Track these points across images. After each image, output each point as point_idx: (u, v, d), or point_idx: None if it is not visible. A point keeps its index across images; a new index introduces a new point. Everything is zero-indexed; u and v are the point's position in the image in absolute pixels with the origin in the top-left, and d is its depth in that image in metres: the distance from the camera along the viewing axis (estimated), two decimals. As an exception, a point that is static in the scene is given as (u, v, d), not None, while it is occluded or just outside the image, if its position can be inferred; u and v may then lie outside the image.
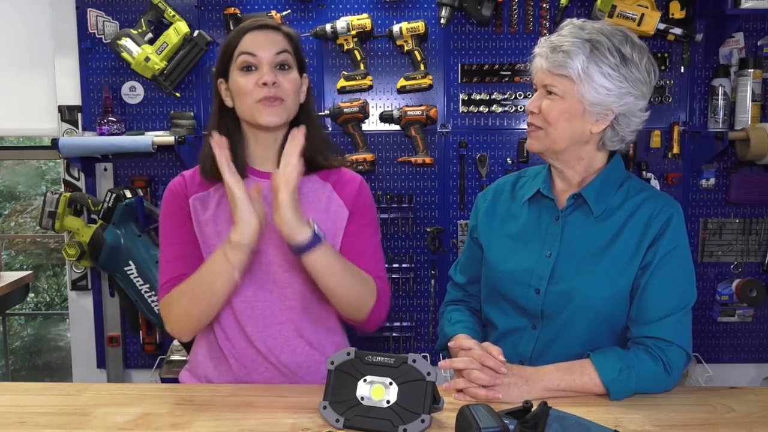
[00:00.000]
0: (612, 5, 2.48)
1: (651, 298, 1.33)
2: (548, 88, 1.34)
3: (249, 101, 1.38)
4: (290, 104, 1.41)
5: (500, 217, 1.49)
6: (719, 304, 2.70)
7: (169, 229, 1.46)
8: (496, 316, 1.45)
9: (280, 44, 1.40)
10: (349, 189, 1.49)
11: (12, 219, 6.65)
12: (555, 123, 1.34)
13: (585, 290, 1.34)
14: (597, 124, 1.35)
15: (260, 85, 1.36)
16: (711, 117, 2.59)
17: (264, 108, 1.38)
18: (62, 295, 6.30)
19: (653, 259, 1.33)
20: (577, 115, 1.33)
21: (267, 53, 1.38)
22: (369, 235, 1.49)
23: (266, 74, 1.37)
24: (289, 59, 1.41)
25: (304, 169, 1.37)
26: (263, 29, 1.41)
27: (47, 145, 2.67)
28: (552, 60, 1.32)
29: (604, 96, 1.31)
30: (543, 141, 1.37)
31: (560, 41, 1.32)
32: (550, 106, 1.34)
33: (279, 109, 1.38)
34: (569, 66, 1.30)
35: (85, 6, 2.62)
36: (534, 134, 1.39)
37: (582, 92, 1.31)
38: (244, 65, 1.39)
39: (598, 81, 1.30)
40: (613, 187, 1.39)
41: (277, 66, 1.39)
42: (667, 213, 1.35)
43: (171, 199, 1.47)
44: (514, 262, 1.42)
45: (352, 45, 2.58)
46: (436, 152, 2.68)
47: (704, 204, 2.70)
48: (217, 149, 1.31)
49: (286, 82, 1.39)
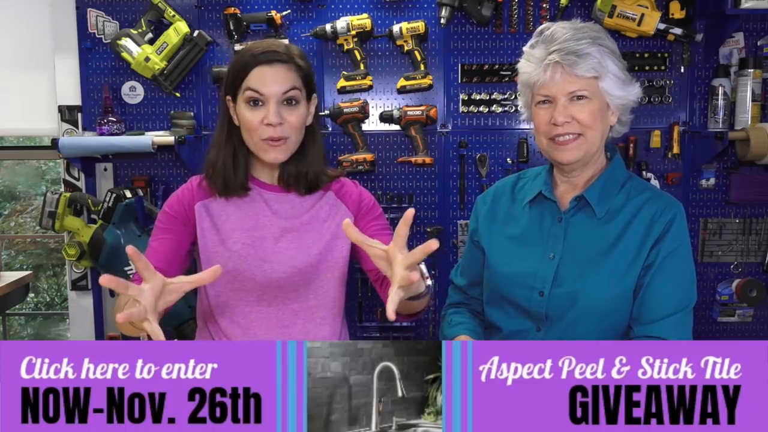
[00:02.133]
0: (612, 5, 2.48)
1: (653, 297, 1.33)
2: (576, 94, 1.32)
3: (254, 137, 1.38)
4: (294, 139, 1.41)
5: (501, 220, 1.48)
6: (719, 304, 2.70)
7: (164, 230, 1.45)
8: (500, 319, 1.45)
9: (289, 81, 1.38)
10: (351, 193, 1.51)
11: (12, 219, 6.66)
12: (593, 125, 1.33)
13: (589, 292, 1.34)
14: (613, 117, 1.37)
15: (265, 124, 1.36)
16: (711, 117, 2.59)
17: (268, 147, 1.38)
18: (62, 295, 6.30)
19: (656, 259, 1.33)
20: (605, 111, 1.35)
21: (274, 91, 1.36)
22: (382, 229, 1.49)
23: (272, 114, 1.35)
24: (298, 95, 1.39)
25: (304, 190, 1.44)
26: (273, 64, 1.37)
27: (47, 145, 2.67)
28: (573, 64, 1.30)
29: (620, 86, 1.34)
30: (583, 147, 1.34)
31: (574, 46, 1.30)
32: (582, 110, 1.32)
33: (283, 147, 1.39)
34: (594, 66, 1.30)
35: (85, 6, 2.62)
36: (573, 144, 1.34)
37: (605, 87, 1.33)
38: (251, 99, 1.38)
39: (612, 71, 1.32)
40: (615, 188, 1.39)
41: (284, 102, 1.38)
42: (670, 213, 1.35)
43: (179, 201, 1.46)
44: (516, 265, 1.41)
45: (352, 45, 2.58)
46: (436, 152, 2.68)
47: (704, 204, 2.70)
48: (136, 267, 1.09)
49: (292, 118, 1.38)
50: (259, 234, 1.43)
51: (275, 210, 1.45)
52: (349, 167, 2.62)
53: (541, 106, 1.35)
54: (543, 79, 1.33)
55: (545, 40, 1.33)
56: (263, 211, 1.45)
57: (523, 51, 1.39)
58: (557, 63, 1.31)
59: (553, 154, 1.37)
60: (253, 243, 1.42)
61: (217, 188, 1.44)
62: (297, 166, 1.45)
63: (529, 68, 1.35)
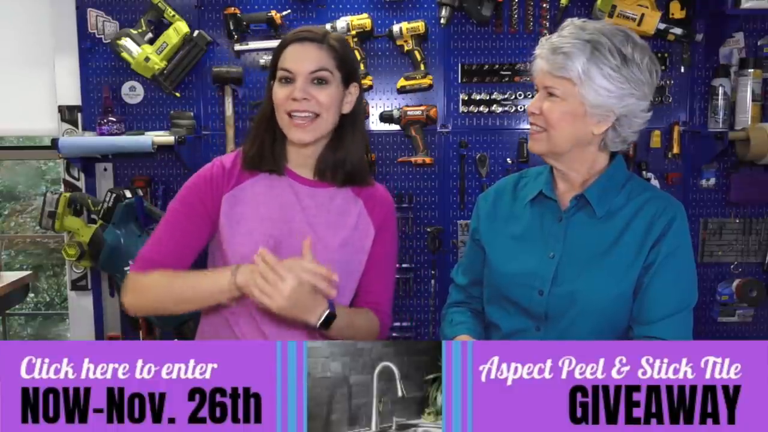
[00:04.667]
0: (612, 5, 2.48)
1: (653, 297, 1.33)
2: (549, 90, 1.33)
3: (282, 113, 1.40)
4: (325, 118, 1.40)
5: (502, 219, 1.48)
6: (719, 304, 2.70)
7: (182, 214, 1.44)
8: (500, 318, 1.45)
9: (319, 60, 1.39)
10: (380, 211, 1.51)
11: (12, 219, 6.66)
12: (557, 125, 1.33)
13: (589, 292, 1.34)
14: (599, 126, 1.33)
15: (291, 99, 1.38)
16: (711, 117, 2.59)
17: (293, 126, 1.39)
18: (62, 295, 6.30)
19: (656, 259, 1.33)
20: (579, 116, 1.32)
21: (303, 68, 1.38)
22: (388, 265, 1.54)
23: (298, 90, 1.37)
24: (327, 75, 1.39)
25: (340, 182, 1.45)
26: (304, 42, 1.40)
27: (47, 145, 2.67)
28: (552, 61, 1.31)
29: (605, 97, 1.30)
30: (545, 143, 1.36)
31: (561, 42, 1.31)
32: (551, 107, 1.33)
33: (309, 127, 1.39)
34: (569, 68, 1.29)
35: (85, 6, 2.62)
36: (536, 136, 1.37)
37: (583, 94, 1.30)
38: (282, 78, 1.40)
39: (598, 82, 1.29)
40: (615, 188, 1.39)
41: (313, 81, 1.39)
42: (671, 213, 1.35)
43: (202, 185, 1.44)
44: (517, 264, 1.41)
45: (352, 45, 2.58)
46: (436, 152, 2.68)
47: (704, 204, 2.70)
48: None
49: (322, 96, 1.38)
50: (287, 228, 1.42)
51: (305, 205, 1.45)
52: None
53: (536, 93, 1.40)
54: (534, 69, 1.38)
55: (556, 33, 1.35)
56: (292, 204, 1.44)
57: (528, 50, 1.40)
58: (542, 57, 1.34)
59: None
60: (279, 235, 1.42)
61: (253, 164, 1.43)
62: (334, 154, 1.44)
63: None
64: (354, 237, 1.46)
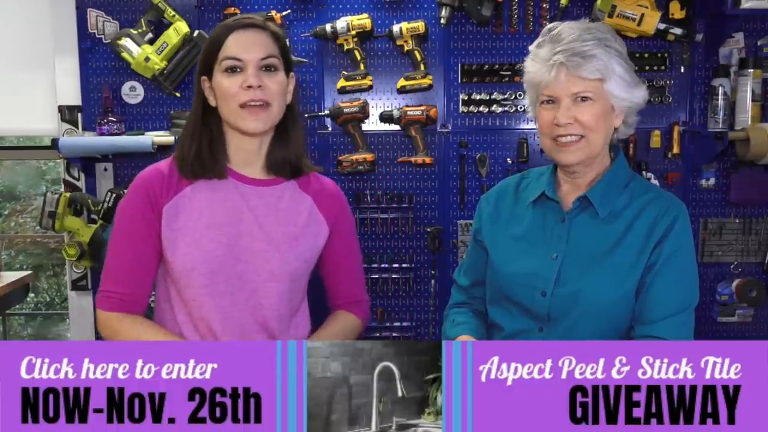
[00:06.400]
0: (612, 5, 2.48)
1: (654, 297, 1.33)
2: (581, 95, 1.31)
3: (233, 105, 1.34)
4: (276, 108, 1.37)
5: (504, 220, 1.48)
6: (719, 304, 2.70)
7: (130, 238, 1.38)
8: (502, 318, 1.45)
9: (266, 47, 1.35)
10: (331, 205, 1.49)
11: (12, 219, 6.66)
12: (596, 128, 1.32)
13: (591, 292, 1.34)
14: (617, 119, 1.37)
15: (245, 88, 1.32)
16: (711, 117, 2.59)
17: (248, 114, 1.33)
18: (62, 295, 6.30)
19: (658, 260, 1.33)
20: (609, 113, 1.34)
21: (252, 56, 1.33)
22: (352, 254, 1.54)
23: (251, 77, 1.32)
24: (276, 62, 1.36)
25: (289, 175, 1.42)
26: (248, 29, 1.35)
27: (47, 145, 2.66)
28: (582, 66, 1.29)
29: (624, 88, 1.33)
30: (584, 150, 1.34)
31: (580, 47, 1.29)
32: (586, 111, 1.32)
33: (263, 115, 1.34)
34: (599, 68, 1.30)
35: (85, 6, 2.62)
36: (573, 147, 1.33)
37: (610, 89, 1.32)
38: (228, 68, 1.34)
39: (618, 74, 1.32)
40: (618, 188, 1.39)
41: (262, 68, 1.35)
42: (673, 214, 1.35)
43: (139, 205, 1.38)
44: (519, 265, 1.41)
45: (352, 45, 2.58)
46: (436, 152, 2.68)
47: (704, 204, 2.70)
48: None
49: (272, 84, 1.35)
50: (235, 231, 1.37)
51: (252, 206, 1.40)
52: (349, 167, 2.62)
53: (545, 106, 1.35)
54: (547, 80, 1.32)
55: (552, 40, 1.33)
56: (240, 206, 1.39)
57: (528, 50, 1.39)
58: (562, 64, 1.30)
59: (555, 155, 1.37)
60: (228, 241, 1.37)
61: (192, 171, 1.37)
62: (284, 147, 1.42)
63: (534, 68, 1.35)
64: (306, 233, 1.43)
